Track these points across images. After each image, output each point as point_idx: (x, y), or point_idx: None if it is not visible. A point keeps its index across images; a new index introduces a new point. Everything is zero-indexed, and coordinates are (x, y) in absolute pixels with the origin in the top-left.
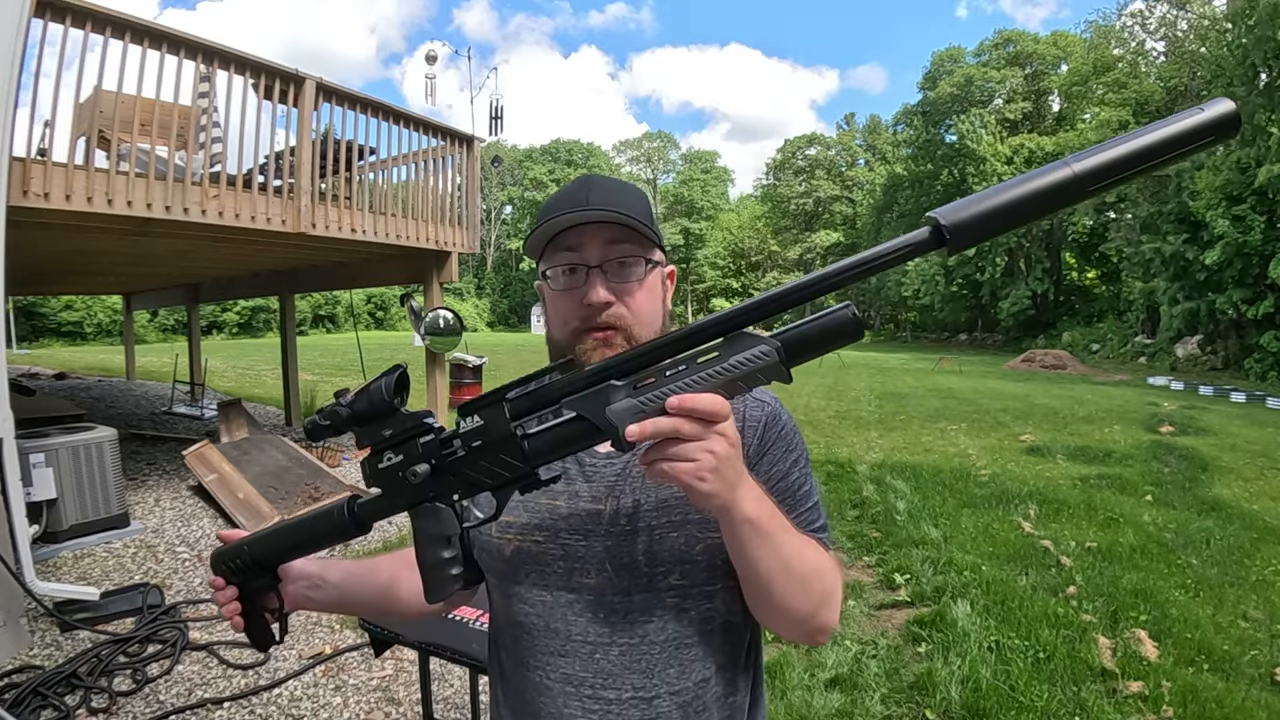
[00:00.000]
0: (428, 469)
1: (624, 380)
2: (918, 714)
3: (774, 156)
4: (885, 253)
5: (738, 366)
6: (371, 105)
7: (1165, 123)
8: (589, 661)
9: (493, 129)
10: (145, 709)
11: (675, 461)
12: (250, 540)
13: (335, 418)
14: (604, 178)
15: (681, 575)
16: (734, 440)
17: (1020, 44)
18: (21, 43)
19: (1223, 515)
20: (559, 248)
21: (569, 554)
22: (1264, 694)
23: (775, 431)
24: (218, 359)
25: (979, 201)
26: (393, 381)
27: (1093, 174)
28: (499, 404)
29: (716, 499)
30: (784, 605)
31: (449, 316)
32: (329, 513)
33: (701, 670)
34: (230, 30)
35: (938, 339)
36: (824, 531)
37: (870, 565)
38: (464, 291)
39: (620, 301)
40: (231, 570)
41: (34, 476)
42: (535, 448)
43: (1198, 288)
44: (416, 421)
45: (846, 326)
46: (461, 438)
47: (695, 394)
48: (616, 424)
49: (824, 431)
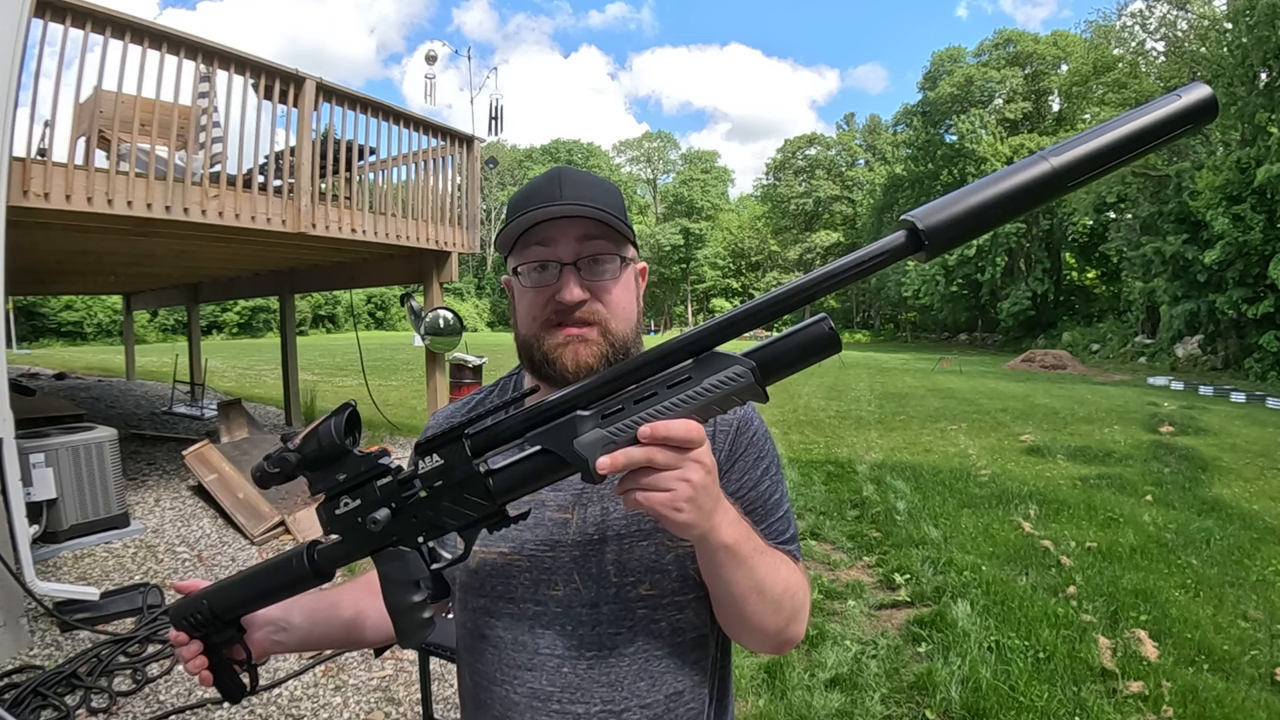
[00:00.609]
0: (388, 514)
1: (591, 410)
2: (918, 714)
3: (774, 156)
4: (859, 260)
5: (711, 390)
6: (371, 105)
7: (1142, 111)
8: (556, 675)
9: (492, 129)
10: (145, 709)
11: (650, 491)
12: (209, 593)
13: (284, 464)
14: (575, 170)
15: (652, 585)
16: (710, 467)
17: (1020, 44)
18: (21, 43)
19: (1223, 515)
20: (530, 243)
21: (535, 565)
22: (1264, 694)
23: (746, 438)
24: (218, 359)
25: (956, 202)
26: (343, 422)
27: (1071, 168)
28: (459, 441)
29: (694, 529)
30: (755, 623)
31: (449, 316)
32: (288, 561)
33: (672, 683)
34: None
35: (938, 339)
36: (793, 543)
37: (870, 565)
38: (464, 291)
39: (596, 298)
40: (193, 625)
41: (34, 476)
42: (501, 485)
43: (1198, 287)
44: (372, 463)
45: (822, 340)
46: (421, 478)
47: (668, 421)
48: (586, 456)
49: (824, 431)
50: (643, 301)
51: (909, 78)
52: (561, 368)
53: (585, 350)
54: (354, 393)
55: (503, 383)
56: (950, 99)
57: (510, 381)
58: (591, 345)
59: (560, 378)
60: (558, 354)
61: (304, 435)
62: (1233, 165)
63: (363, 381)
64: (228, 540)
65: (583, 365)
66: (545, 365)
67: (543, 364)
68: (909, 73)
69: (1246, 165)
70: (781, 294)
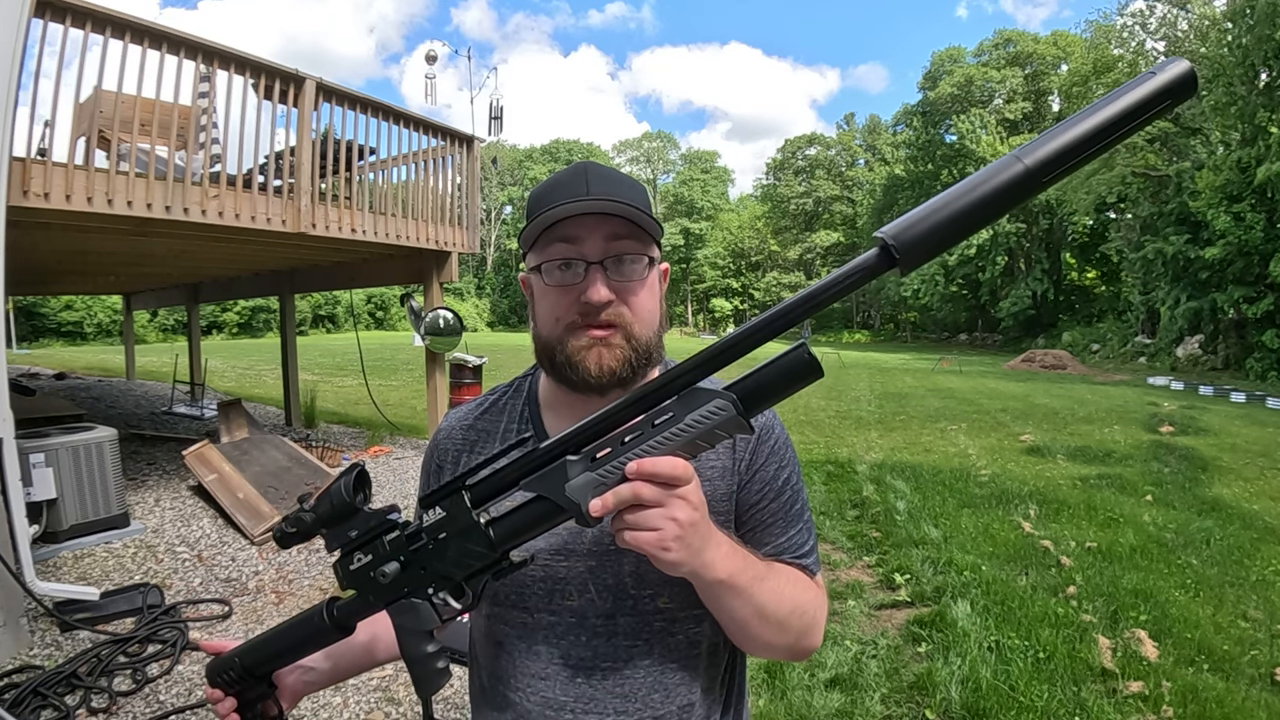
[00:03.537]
0: (397, 567)
1: (580, 454)
2: (918, 714)
3: (774, 156)
4: (835, 282)
5: (694, 425)
6: (371, 105)
7: (1117, 95)
8: (570, 685)
9: (492, 129)
10: (145, 709)
11: (637, 531)
12: (240, 651)
13: (301, 523)
14: (602, 165)
15: (670, 598)
16: (698, 503)
17: (1020, 44)
18: (21, 43)
19: (1223, 515)
20: (554, 239)
21: (549, 575)
22: (1264, 694)
23: (768, 447)
24: (218, 359)
25: (929, 215)
26: (352, 481)
27: (1045, 164)
28: (459, 493)
29: (683, 566)
30: (763, 643)
31: (449, 316)
32: (310, 618)
33: (686, 695)
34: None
35: (938, 339)
36: (810, 556)
37: (870, 565)
38: (464, 291)
39: (621, 300)
40: (227, 682)
41: (34, 476)
42: (501, 535)
43: (1199, 287)
44: (380, 519)
45: (803, 367)
46: (426, 532)
47: (655, 458)
48: (578, 500)
49: (824, 431)
50: (664, 302)
51: (910, 77)
52: (585, 371)
53: (609, 355)
54: (354, 393)
55: (517, 383)
56: (950, 99)
57: (525, 382)
58: (615, 350)
59: (582, 381)
60: (581, 357)
61: (318, 496)
62: (1233, 165)
63: (363, 381)
64: (228, 540)
65: (606, 369)
66: (567, 368)
67: (565, 367)
68: (910, 72)
69: (1247, 165)
70: (761, 322)
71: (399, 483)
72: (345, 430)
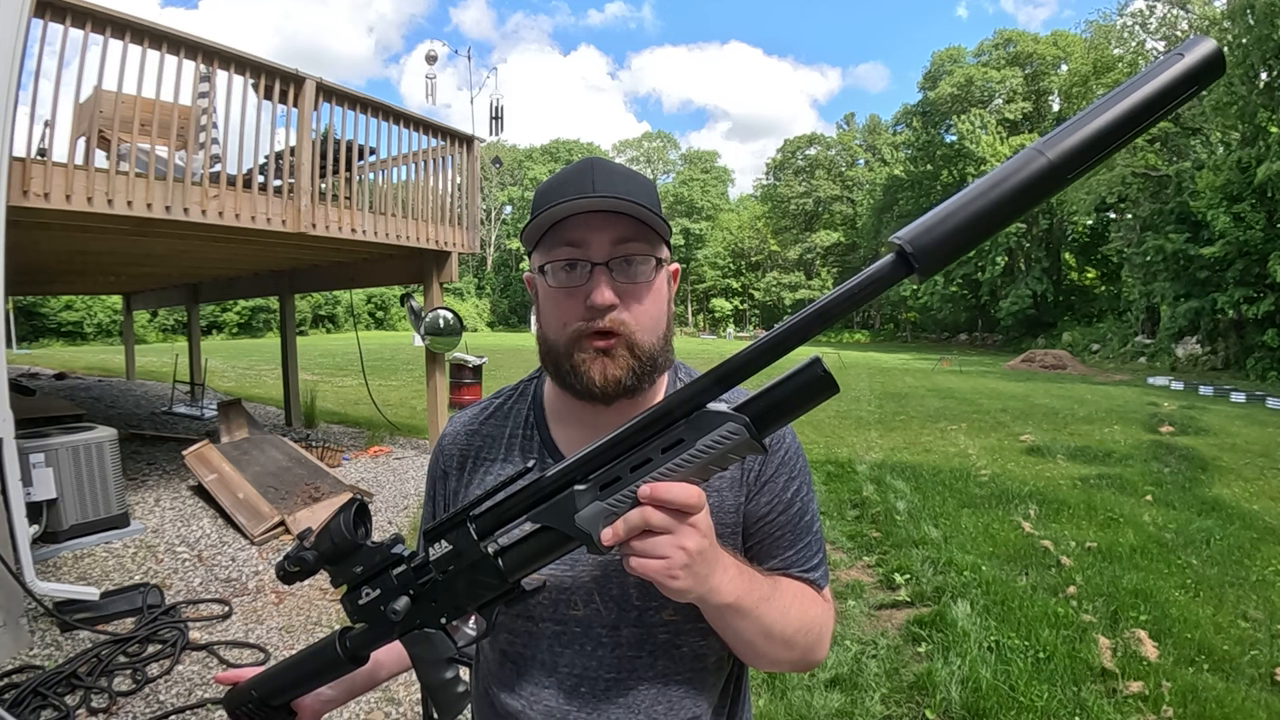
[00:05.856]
0: (407, 602)
1: (588, 482)
2: (918, 714)
3: (774, 156)
4: (849, 294)
5: (706, 451)
6: (371, 105)
7: (1143, 79)
8: (573, 695)
9: (492, 129)
10: (145, 709)
11: (645, 558)
12: (255, 683)
13: (303, 562)
14: (609, 162)
15: (675, 611)
16: (707, 530)
17: (1020, 44)
18: (21, 43)
19: (1223, 515)
20: (559, 239)
21: (554, 584)
22: (1264, 694)
23: (778, 458)
24: (218, 359)
25: (947, 217)
26: (351, 516)
27: (1071, 157)
28: (464, 525)
29: (690, 594)
30: (769, 659)
31: (449, 316)
32: (323, 650)
33: (691, 707)
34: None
35: (938, 339)
36: (819, 569)
37: (870, 565)
38: (464, 291)
39: (625, 305)
40: (247, 714)
41: (34, 476)
42: (510, 564)
43: (1199, 286)
44: (385, 553)
45: (817, 384)
46: (434, 565)
47: (668, 484)
48: (590, 531)
49: (824, 431)
50: (673, 304)
51: (910, 77)
52: (589, 382)
53: (613, 365)
54: (354, 393)
55: (522, 386)
56: (950, 99)
57: (530, 386)
58: (619, 360)
59: (586, 391)
60: (586, 368)
61: (318, 533)
62: (1233, 165)
63: (363, 381)
64: (228, 540)
65: (610, 380)
66: (571, 376)
67: (569, 374)
68: (910, 72)
69: (1247, 165)
70: (773, 339)
71: (399, 483)
72: (345, 430)
